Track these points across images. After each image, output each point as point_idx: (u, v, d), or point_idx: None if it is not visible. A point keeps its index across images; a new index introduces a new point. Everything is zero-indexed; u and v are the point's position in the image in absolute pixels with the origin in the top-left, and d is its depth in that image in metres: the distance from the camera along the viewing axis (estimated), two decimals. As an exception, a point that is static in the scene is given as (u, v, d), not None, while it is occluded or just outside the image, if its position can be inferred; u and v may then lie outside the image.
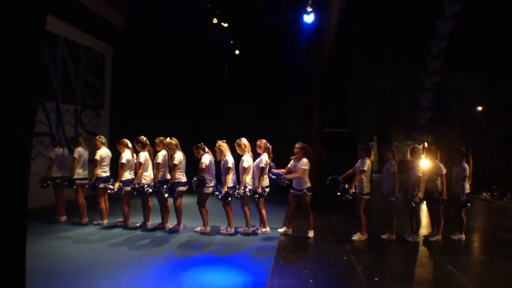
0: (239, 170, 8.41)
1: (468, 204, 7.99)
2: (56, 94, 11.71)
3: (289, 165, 8.32)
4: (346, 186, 7.94)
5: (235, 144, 8.48)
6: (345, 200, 7.92)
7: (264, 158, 8.26)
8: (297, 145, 8.28)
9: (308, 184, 8.15)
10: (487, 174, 13.85)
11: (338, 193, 7.96)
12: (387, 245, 7.85)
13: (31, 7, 2.83)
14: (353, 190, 7.89)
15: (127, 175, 8.77)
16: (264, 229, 8.51)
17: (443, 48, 14.68)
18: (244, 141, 8.46)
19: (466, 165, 8.02)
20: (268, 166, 8.28)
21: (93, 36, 13.39)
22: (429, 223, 8.84)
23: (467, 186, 8.01)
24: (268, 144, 8.42)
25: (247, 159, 8.30)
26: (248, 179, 8.30)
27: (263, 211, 8.49)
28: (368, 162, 7.98)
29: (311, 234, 8.21)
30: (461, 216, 8.10)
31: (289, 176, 8.19)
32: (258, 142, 8.42)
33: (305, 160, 8.14)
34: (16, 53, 2.74)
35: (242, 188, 8.21)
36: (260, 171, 8.18)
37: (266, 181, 8.32)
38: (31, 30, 2.86)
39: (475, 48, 13.75)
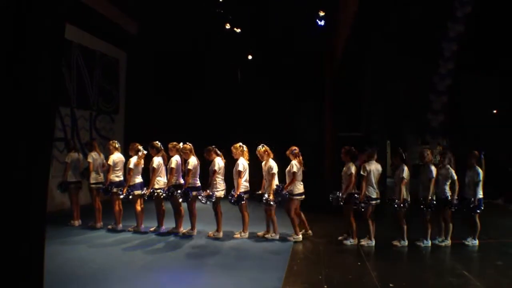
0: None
1: (478, 210, 7.90)
2: (70, 99, 11.82)
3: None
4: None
5: (262, 150, 8.45)
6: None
7: (295, 163, 8.22)
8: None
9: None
10: (502, 178, 13.69)
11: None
12: (400, 251, 7.79)
13: (52, 14, 2.87)
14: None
15: (136, 179, 8.84)
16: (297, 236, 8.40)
17: (456, 50, 14.56)
18: (266, 148, 8.47)
19: (480, 170, 7.93)
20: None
21: (106, 42, 13.50)
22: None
23: (480, 191, 7.92)
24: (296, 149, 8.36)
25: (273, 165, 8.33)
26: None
27: (296, 218, 8.35)
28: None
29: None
30: (475, 221, 8.01)
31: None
32: (288, 152, 8.34)
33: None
34: (35, 60, 2.78)
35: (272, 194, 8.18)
36: (293, 176, 8.15)
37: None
38: (51, 37, 2.90)
39: (489, 50, 13.64)
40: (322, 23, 12.46)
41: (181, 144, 8.68)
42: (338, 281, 6.00)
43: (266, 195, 8.17)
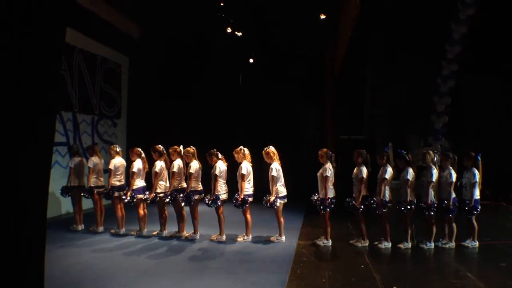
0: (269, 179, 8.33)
1: (475, 212, 7.84)
2: (72, 104, 11.84)
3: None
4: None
5: (263, 152, 8.43)
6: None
7: (328, 167, 8.06)
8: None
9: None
10: (504, 179, 13.65)
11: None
12: (404, 253, 7.78)
13: (52, 19, 2.88)
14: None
15: (138, 183, 8.84)
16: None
17: (458, 52, 14.52)
18: (272, 149, 8.43)
19: (476, 171, 7.89)
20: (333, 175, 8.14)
21: (109, 47, 13.51)
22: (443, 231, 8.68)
23: (477, 193, 7.88)
24: (330, 152, 8.26)
25: (275, 168, 8.28)
26: (279, 187, 8.27)
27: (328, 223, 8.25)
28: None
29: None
30: (472, 223, 7.98)
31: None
32: (320, 152, 8.20)
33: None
34: (36, 64, 2.78)
35: (273, 197, 8.17)
36: (326, 181, 8.00)
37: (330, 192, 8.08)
38: (52, 41, 2.90)
39: (492, 51, 13.61)
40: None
41: (181, 147, 8.68)
42: (342, 284, 5.98)
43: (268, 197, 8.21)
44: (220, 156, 8.57)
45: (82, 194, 9.27)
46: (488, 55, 13.67)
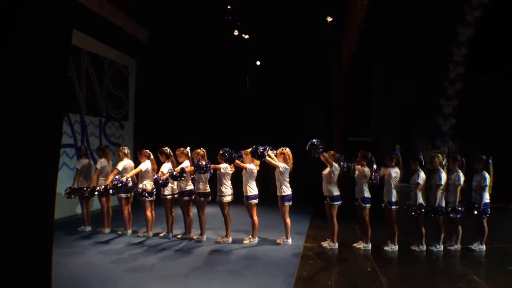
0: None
1: (484, 216, 7.80)
2: (80, 106, 11.90)
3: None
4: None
5: (278, 151, 8.36)
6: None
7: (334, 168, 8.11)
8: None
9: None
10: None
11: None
12: (410, 256, 7.75)
13: (58, 20, 2.90)
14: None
15: (147, 184, 8.86)
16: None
17: (465, 54, 14.46)
18: (288, 151, 8.38)
19: (487, 174, 7.84)
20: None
21: (116, 49, 13.57)
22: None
23: (487, 196, 7.83)
24: (337, 154, 8.26)
25: (284, 166, 8.25)
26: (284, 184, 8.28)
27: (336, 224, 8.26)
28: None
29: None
30: (483, 226, 7.92)
31: None
32: (326, 154, 8.20)
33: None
34: (44, 65, 2.81)
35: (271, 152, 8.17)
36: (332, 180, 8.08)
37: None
38: (58, 43, 2.93)
39: (498, 53, 13.54)
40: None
41: (188, 149, 8.69)
42: (348, 286, 5.99)
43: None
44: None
45: (85, 190, 9.28)
46: (494, 57, 13.61)
